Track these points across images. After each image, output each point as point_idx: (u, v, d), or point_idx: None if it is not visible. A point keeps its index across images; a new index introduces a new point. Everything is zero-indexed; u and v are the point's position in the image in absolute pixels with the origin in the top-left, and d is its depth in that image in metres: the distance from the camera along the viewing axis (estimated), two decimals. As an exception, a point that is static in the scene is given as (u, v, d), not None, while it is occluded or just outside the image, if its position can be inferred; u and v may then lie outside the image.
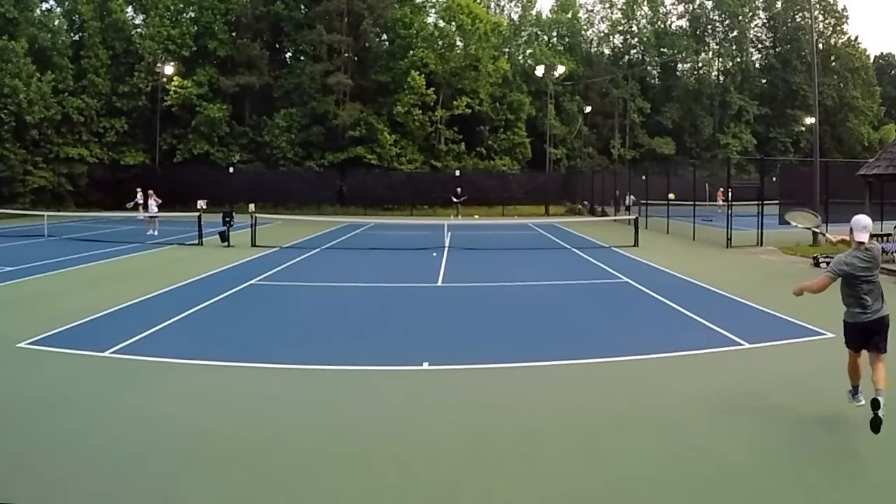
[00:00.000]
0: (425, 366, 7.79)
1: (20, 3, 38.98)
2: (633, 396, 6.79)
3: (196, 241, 21.42)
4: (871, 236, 5.97)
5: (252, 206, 29.22)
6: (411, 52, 44.72)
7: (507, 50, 53.15)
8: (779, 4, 61.26)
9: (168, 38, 42.55)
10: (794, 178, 26.26)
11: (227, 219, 21.59)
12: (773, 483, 4.86)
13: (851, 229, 5.83)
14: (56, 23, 41.48)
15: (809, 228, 6.15)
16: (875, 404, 5.33)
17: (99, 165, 41.19)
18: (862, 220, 5.79)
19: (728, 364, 8.02)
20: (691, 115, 56.53)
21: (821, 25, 59.33)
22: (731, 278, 14.76)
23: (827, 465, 5.18)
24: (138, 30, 44.05)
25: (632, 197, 34.64)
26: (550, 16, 58.38)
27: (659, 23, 60.80)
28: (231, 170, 42.15)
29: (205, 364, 7.82)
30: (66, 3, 43.00)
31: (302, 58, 47.26)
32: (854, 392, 5.95)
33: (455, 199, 37.51)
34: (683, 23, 60.89)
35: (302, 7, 46.22)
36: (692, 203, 27.57)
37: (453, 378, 7.46)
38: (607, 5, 61.02)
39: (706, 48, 60.30)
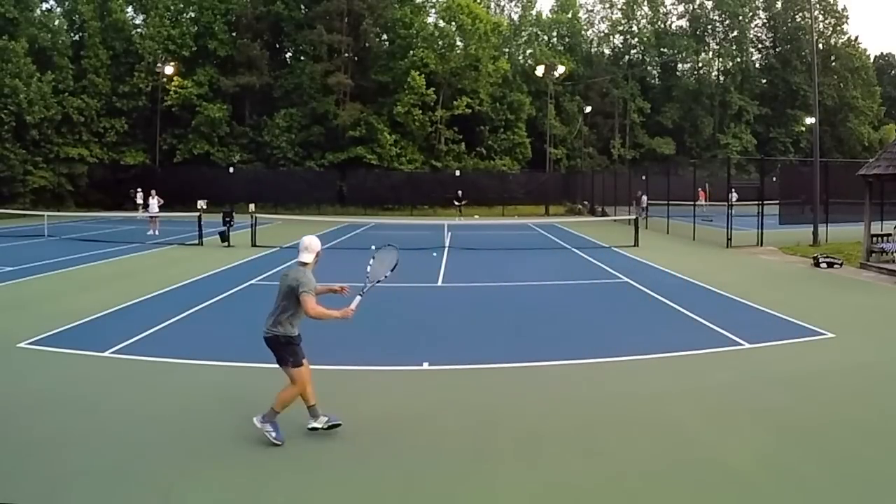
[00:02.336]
0: (425, 366, 7.80)
1: (20, 3, 39.02)
2: (633, 396, 6.79)
3: (196, 242, 21.42)
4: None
5: (252, 206, 29.26)
6: (411, 52, 44.70)
7: (507, 50, 53.17)
8: (779, 4, 61.28)
9: (168, 38, 42.58)
10: (794, 178, 26.29)
11: (227, 219, 21.60)
12: (772, 483, 4.86)
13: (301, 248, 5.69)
14: (56, 23, 41.51)
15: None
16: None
17: (99, 165, 41.20)
18: (305, 240, 5.69)
19: (728, 364, 8.02)
20: (691, 115, 56.53)
21: (821, 25, 59.35)
22: (731, 278, 14.75)
23: (826, 465, 5.18)
24: (138, 30, 44.06)
25: (644, 197, 33.30)
26: (550, 16, 58.38)
27: (659, 23, 60.82)
28: (231, 170, 42.16)
29: (205, 364, 7.82)
30: (66, 3, 43.04)
31: (302, 58, 47.29)
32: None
33: (457, 203, 37.50)
34: (683, 23, 60.99)
35: (302, 7, 46.23)
36: (692, 203, 27.61)
37: (453, 378, 7.46)
38: (607, 5, 61.10)
39: (706, 48, 60.30)
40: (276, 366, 7.69)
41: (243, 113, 45.44)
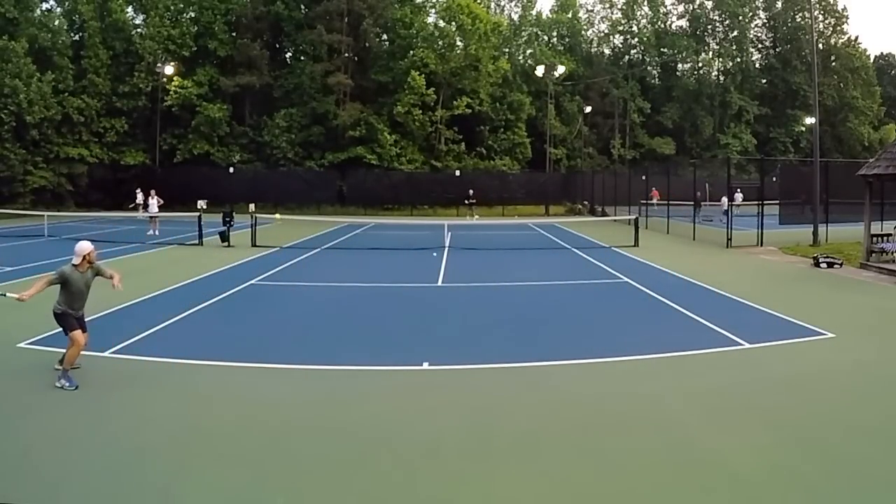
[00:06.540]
0: (425, 366, 7.80)
1: (20, 3, 38.99)
2: (633, 396, 6.79)
3: (196, 241, 21.42)
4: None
5: (252, 206, 29.27)
6: (411, 52, 44.71)
7: (507, 50, 53.14)
8: (779, 4, 61.23)
9: (168, 38, 42.54)
10: (794, 178, 26.30)
11: (227, 219, 21.60)
12: (772, 483, 4.86)
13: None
14: (56, 23, 41.45)
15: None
16: None
17: (99, 165, 41.18)
18: (77, 246, 7.41)
19: (728, 364, 8.02)
20: (691, 115, 56.50)
21: (821, 25, 59.30)
22: (731, 278, 14.75)
23: (826, 465, 5.18)
24: (138, 30, 44.03)
25: (739, 195, 29.89)
26: (550, 16, 58.36)
27: (659, 23, 60.77)
28: (231, 170, 42.17)
29: (205, 364, 7.82)
30: (66, 3, 42.99)
31: (302, 58, 47.26)
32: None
33: (468, 201, 37.50)
34: (683, 23, 60.92)
35: (302, 7, 46.21)
36: (692, 203, 27.61)
37: (453, 378, 7.46)
38: (607, 5, 61.04)
39: (706, 48, 60.26)
40: (276, 365, 7.81)
41: (243, 113, 45.42)
